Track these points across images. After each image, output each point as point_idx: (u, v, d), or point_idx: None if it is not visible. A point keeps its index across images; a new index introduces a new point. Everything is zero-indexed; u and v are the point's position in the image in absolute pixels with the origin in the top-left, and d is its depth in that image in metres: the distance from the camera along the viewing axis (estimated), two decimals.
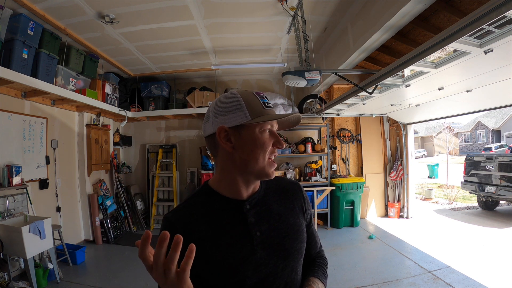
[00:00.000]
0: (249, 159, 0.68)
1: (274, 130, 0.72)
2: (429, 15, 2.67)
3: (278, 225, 0.73)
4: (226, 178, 0.72)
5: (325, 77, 4.19)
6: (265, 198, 0.76)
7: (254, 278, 0.66)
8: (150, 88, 5.04)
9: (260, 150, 0.68)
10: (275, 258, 0.69)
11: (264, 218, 0.72)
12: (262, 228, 0.71)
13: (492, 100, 3.40)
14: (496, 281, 2.74)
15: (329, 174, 4.94)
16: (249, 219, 0.70)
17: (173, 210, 0.73)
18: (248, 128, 0.69)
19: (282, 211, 0.76)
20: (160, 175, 5.25)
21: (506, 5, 1.31)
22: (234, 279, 0.65)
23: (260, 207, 0.73)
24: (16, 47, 2.71)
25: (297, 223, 0.77)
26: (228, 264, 0.66)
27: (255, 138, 0.68)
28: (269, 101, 0.72)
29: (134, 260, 3.68)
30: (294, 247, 0.73)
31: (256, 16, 3.15)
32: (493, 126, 22.50)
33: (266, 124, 0.69)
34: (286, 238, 0.73)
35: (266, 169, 0.70)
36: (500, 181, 4.99)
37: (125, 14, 2.98)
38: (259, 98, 0.70)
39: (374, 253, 3.76)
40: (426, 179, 11.87)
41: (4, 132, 3.00)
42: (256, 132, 0.69)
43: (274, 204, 0.77)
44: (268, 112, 0.69)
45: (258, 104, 0.69)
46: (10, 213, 2.90)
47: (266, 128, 0.70)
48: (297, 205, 0.81)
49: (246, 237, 0.69)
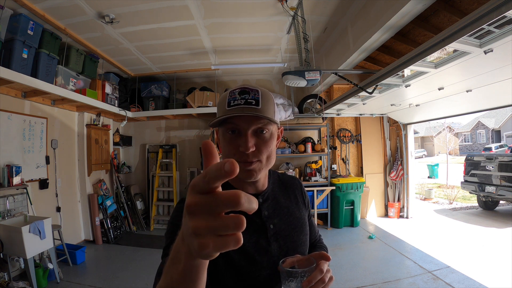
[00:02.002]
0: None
1: (240, 129, 0.64)
2: (429, 15, 2.66)
3: (287, 218, 0.77)
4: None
5: (325, 77, 4.19)
6: (273, 192, 0.79)
7: (268, 269, 0.68)
8: (150, 88, 5.04)
9: (224, 155, 0.69)
10: (286, 249, 0.72)
11: (275, 212, 0.76)
12: (274, 221, 0.74)
13: (492, 100, 3.40)
14: (496, 281, 2.74)
15: (329, 174, 4.94)
16: (263, 212, 0.73)
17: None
18: (219, 130, 0.71)
19: (288, 204, 0.80)
20: (160, 175, 5.25)
21: (506, 5, 1.31)
22: (251, 269, 0.67)
23: (270, 201, 0.76)
24: (16, 47, 2.71)
25: (302, 216, 0.82)
26: (247, 255, 0.67)
27: (221, 140, 0.70)
28: (242, 97, 0.64)
29: (134, 260, 3.68)
30: (301, 239, 0.77)
31: (256, 16, 3.15)
32: (493, 126, 22.51)
33: (227, 125, 0.66)
34: (294, 231, 0.76)
35: (238, 174, 0.66)
36: (500, 181, 4.99)
37: (125, 14, 2.98)
38: (229, 96, 0.66)
39: (374, 253, 3.76)
40: (426, 179, 11.86)
41: (4, 132, 3.00)
42: (221, 134, 0.70)
43: (281, 198, 0.80)
44: (229, 112, 0.63)
45: (224, 103, 0.66)
46: (10, 213, 2.90)
47: (227, 129, 0.66)
48: (299, 199, 0.84)
49: (261, 229, 0.71)
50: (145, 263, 3.54)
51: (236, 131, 0.65)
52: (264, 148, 0.66)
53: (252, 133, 0.65)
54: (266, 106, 0.65)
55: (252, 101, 0.64)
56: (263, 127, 0.65)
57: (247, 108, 0.63)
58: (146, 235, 4.79)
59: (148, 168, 5.45)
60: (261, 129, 0.66)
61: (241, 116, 0.63)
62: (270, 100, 0.68)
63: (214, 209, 0.29)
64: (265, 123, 0.65)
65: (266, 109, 0.65)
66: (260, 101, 0.64)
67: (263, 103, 0.65)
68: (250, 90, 0.65)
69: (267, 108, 0.65)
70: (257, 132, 0.66)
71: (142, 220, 5.13)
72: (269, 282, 0.69)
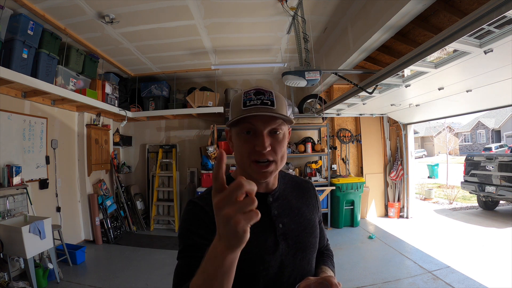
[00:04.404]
0: (237, 162, 0.72)
1: (256, 129, 0.66)
2: (429, 15, 2.66)
3: (297, 219, 0.77)
4: (242, 174, 0.74)
5: (325, 77, 4.19)
6: (284, 192, 0.79)
7: (275, 268, 0.69)
8: (150, 88, 5.04)
9: (239, 154, 0.70)
10: (294, 249, 0.73)
11: (285, 211, 0.76)
12: (284, 221, 0.74)
13: (492, 100, 3.40)
14: (496, 281, 2.74)
15: (329, 174, 4.94)
16: (273, 211, 0.74)
17: (199, 196, 0.74)
18: (232, 130, 0.72)
19: (300, 206, 0.80)
20: (160, 175, 5.25)
21: (506, 5, 1.31)
22: (259, 267, 0.67)
23: (281, 200, 0.77)
24: (16, 47, 2.71)
25: (312, 218, 0.82)
26: (255, 253, 0.67)
27: (235, 140, 0.71)
28: (258, 97, 0.66)
29: (134, 260, 3.68)
30: (310, 241, 0.77)
31: (256, 16, 3.15)
32: (493, 126, 22.51)
33: (243, 124, 0.67)
34: (303, 232, 0.76)
35: (252, 175, 0.68)
36: (500, 181, 4.99)
37: (125, 14, 2.98)
38: (244, 97, 0.68)
39: (374, 253, 3.76)
40: (426, 179, 11.86)
41: (4, 132, 3.00)
42: (235, 134, 0.71)
43: (293, 199, 0.80)
44: (245, 112, 0.65)
45: (239, 104, 0.67)
46: (10, 213, 2.90)
47: (243, 129, 0.67)
48: (311, 202, 0.85)
49: (270, 228, 0.72)
50: (145, 263, 3.54)
51: (251, 131, 0.67)
52: (278, 148, 0.68)
53: (268, 133, 0.67)
54: (280, 107, 0.68)
55: (268, 101, 0.66)
56: (277, 127, 0.67)
57: (264, 108, 0.65)
58: (146, 235, 4.79)
59: (148, 168, 5.45)
60: (276, 129, 0.68)
61: (258, 116, 0.65)
62: (283, 102, 0.71)
63: (230, 197, 0.41)
64: (280, 123, 0.68)
65: (281, 110, 0.68)
66: (275, 102, 0.67)
67: (278, 104, 0.68)
68: (265, 92, 0.68)
69: (281, 109, 0.68)
70: (272, 133, 0.68)
71: (142, 220, 5.13)
72: (276, 281, 0.69)
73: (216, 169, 0.43)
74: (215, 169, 0.43)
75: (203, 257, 0.48)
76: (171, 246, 4.16)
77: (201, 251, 0.62)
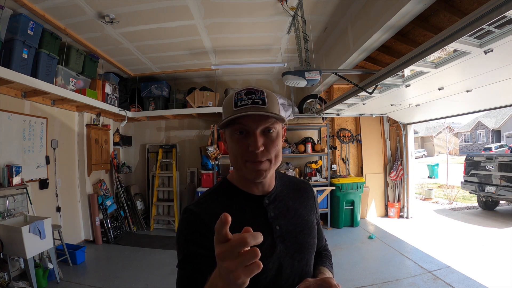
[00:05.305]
0: (232, 163, 0.72)
1: (248, 129, 0.66)
2: (429, 15, 2.66)
3: (294, 220, 0.77)
4: (238, 175, 0.75)
5: (325, 77, 4.19)
6: (281, 194, 0.79)
7: (273, 270, 0.68)
8: (150, 88, 5.04)
9: (232, 156, 0.70)
10: (292, 251, 0.72)
11: (282, 213, 0.75)
12: (281, 222, 0.74)
13: (492, 100, 3.40)
14: (496, 281, 2.74)
15: (329, 174, 4.94)
16: (269, 213, 0.73)
17: (195, 202, 0.73)
18: (225, 132, 0.72)
19: (297, 207, 0.80)
20: (160, 175, 5.25)
21: (506, 5, 1.31)
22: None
23: (278, 202, 0.76)
24: (16, 47, 2.71)
25: (310, 219, 0.81)
26: None
27: (229, 142, 0.71)
28: (248, 97, 0.66)
29: (134, 260, 3.68)
30: (308, 242, 0.77)
31: (256, 16, 3.15)
32: (493, 126, 22.50)
33: (235, 125, 0.66)
34: (301, 233, 0.76)
35: (246, 175, 0.69)
36: (500, 181, 4.99)
37: (125, 14, 2.98)
38: (235, 97, 0.67)
39: (374, 253, 3.76)
40: (426, 179, 11.86)
41: (4, 132, 3.00)
42: (228, 135, 0.70)
43: (289, 200, 0.80)
44: (236, 112, 0.64)
45: (231, 105, 0.67)
46: (10, 213, 2.90)
47: (236, 130, 0.67)
48: (309, 203, 0.84)
49: (267, 231, 0.70)
50: (145, 263, 3.54)
51: (244, 131, 0.67)
52: (272, 147, 0.68)
53: (260, 132, 0.66)
54: (272, 105, 0.67)
55: (259, 101, 0.66)
56: (270, 126, 0.67)
57: (255, 108, 0.65)
58: (146, 235, 4.79)
59: (148, 168, 5.45)
60: (269, 128, 0.67)
61: (250, 116, 0.64)
62: (275, 100, 0.70)
63: (233, 252, 0.40)
64: (272, 122, 0.67)
65: (272, 108, 0.67)
66: (266, 101, 0.66)
67: (269, 103, 0.67)
68: (256, 91, 0.67)
69: (273, 108, 0.67)
70: (265, 132, 0.67)
71: (142, 220, 5.13)
72: (275, 283, 0.68)
73: (219, 226, 0.41)
74: (219, 225, 0.41)
75: (204, 270, 0.49)
76: (171, 246, 4.16)
77: (200, 260, 0.62)
